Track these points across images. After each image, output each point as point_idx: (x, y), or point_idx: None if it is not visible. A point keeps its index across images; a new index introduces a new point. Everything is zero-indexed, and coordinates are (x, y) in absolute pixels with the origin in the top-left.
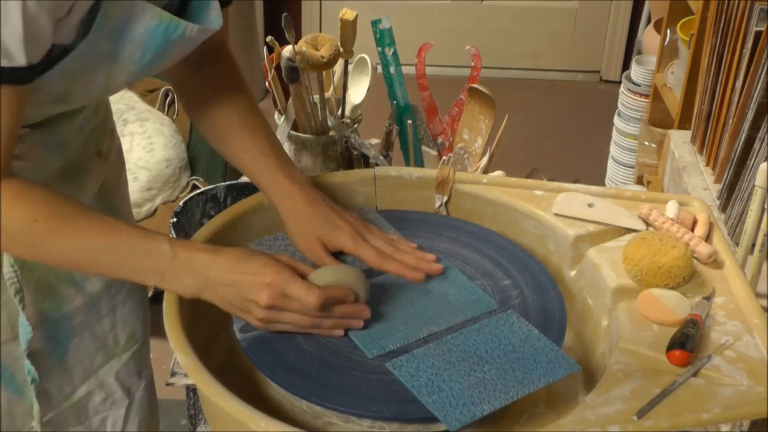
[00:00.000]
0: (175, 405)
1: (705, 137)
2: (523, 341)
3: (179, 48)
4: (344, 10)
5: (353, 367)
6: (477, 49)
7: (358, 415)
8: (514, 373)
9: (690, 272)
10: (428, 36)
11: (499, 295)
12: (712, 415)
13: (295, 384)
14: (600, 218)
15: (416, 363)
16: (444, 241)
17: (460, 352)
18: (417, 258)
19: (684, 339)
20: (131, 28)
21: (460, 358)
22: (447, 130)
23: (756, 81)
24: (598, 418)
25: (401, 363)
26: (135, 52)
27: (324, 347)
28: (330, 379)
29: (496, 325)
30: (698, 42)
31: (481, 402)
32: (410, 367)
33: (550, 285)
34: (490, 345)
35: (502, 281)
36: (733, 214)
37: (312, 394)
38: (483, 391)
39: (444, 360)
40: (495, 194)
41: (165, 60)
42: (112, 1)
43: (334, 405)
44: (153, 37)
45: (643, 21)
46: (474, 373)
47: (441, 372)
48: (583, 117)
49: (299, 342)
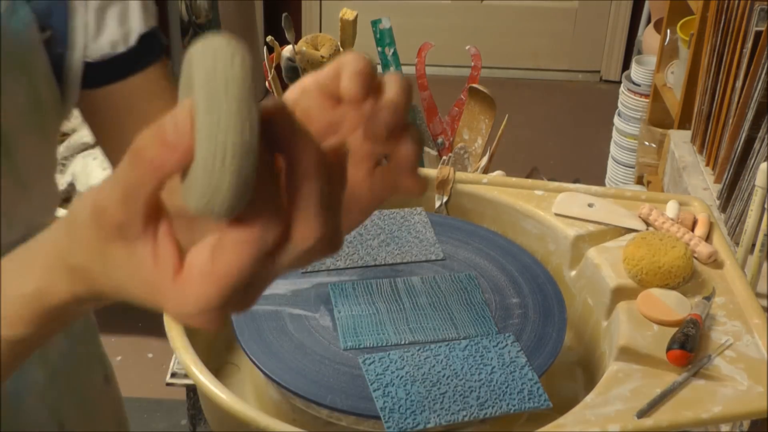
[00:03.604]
0: (175, 405)
1: (705, 137)
2: (506, 365)
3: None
4: (344, 10)
5: (326, 356)
6: (477, 49)
7: (316, 403)
8: (478, 394)
9: (690, 272)
10: (428, 36)
11: (498, 296)
12: (712, 414)
13: (264, 362)
14: (600, 218)
15: (387, 363)
16: (443, 242)
17: (436, 363)
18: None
19: (684, 339)
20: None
21: (434, 369)
22: (447, 130)
23: (756, 81)
24: (598, 418)
25: (372, 360)
26: None
27: (307, 331)
28: (299, 363)
29: (486, 345)
30: (698, 42)
31: (430, 414)
32: (380, 365)
33: (550, 285)
34: (470, 363)
35: (502, 281)
36: (733, 214)
37: (276, 374)
38: (439, 404)
39: (416, 366)
40: (495, 194)
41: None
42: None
43: (293, 388)
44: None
45: (643, 21)
46: (439, 385)
47: (407, 377)
48: (583, 117)
49: (284, 322)
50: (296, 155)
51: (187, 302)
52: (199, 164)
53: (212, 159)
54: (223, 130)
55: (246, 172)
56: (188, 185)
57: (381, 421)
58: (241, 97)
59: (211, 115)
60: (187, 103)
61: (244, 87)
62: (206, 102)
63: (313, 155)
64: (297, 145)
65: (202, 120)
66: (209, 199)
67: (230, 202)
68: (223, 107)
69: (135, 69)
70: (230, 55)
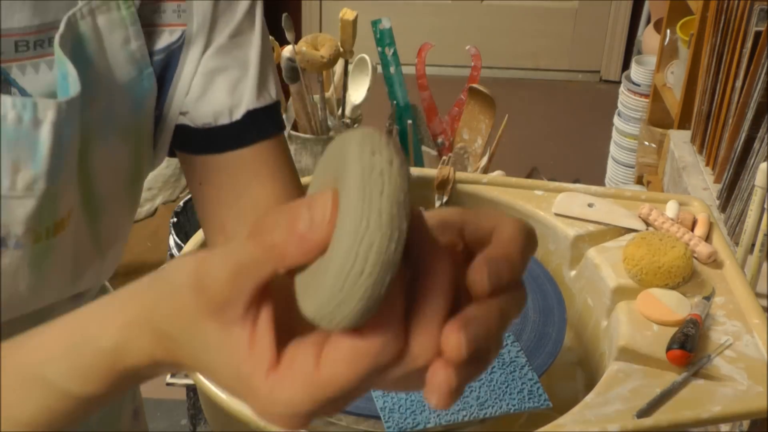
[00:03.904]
0: (175, 405)
1: (705, 137)
2: (505, 365)
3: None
4: (344, 10)
5: None
6: (477, 49)
7: None
8: (478, 393)
9: (690, 272)
10: (428, 36)
11: None
12: (711, 414)
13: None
14: (600, 218)
15: None
16: None
17: None
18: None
19: (684, 339)
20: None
21: None
22: (447, 130)
23: (756, 81)
24: (598, 418)
25: None
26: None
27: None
28: None
29: None
30: (698, 42)
31: (430, 414)
32: None
33: (550, 285)
34: None
35: None
36: (732, 214)
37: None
38: None
39: None
40: (495, 194)
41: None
42: None
43: None
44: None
45: (643, 21)
46: None
47: None
48: (583, 117)
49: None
50: (428, 268)
51: (278, 403)
52: (331, 268)
53: (349, 266)
54: (369, 236)
55: (382, 288)
56: (308, 285)
57: (381, 421)
58: (398, 204)
59: (360, 216)
60: (330, 194)
61: (401, 194)
62: (357, 200)
63: (446, 270)
64: (431, 257)
65: (348, 219)
66: (332, 310)
67: (355, 317)
68: (374, 210)
69: (237, 144)
70: (390, 156)
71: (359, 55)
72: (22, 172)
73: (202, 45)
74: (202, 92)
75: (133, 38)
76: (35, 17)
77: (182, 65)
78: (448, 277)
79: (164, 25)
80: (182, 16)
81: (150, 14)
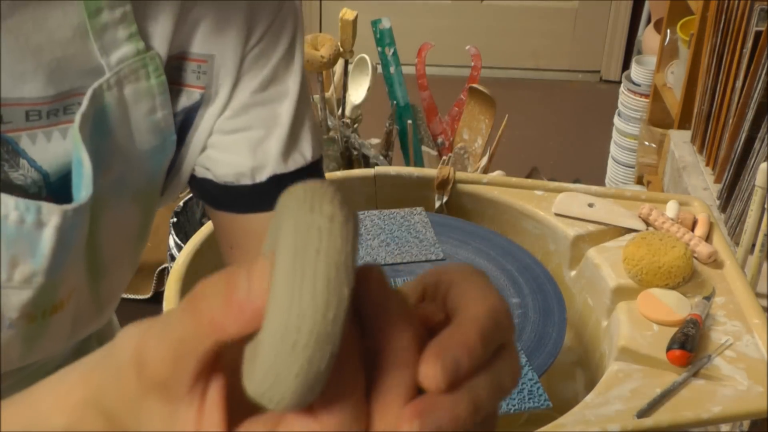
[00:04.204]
0: None
1: (705, 137)
2: None
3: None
4: (344, 10)
5: None
6: (477, 49)
7: None
8: None
9: (690, 272)
10: (428, 36)
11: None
12: (712, 414)
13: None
14: (600, 218)
15: None
16: (443, 242)
17: None
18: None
19: (684, 339)
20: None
21: None
22: (447, 130)
23: (756, 81)
24: (598, 418)
25: None
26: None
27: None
28: None
29: None
30: (698, 42)
31: None
32: None
33: (550, 285)
34: None
35: (502, 281)
36: (733, 214)
37: None
38: None
39: None
40: (495, 194)
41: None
42: None
43: None
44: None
45: (643, 21)
46: None
47: None
48: (583, 117)
49: None
50: (388, 335)
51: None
52: (266, 341)
53: (280, 339)
54: (300, 304)
55: (321, 363)
56: (250, 361)
57: None
58: (337, 266)
59: (291, 281)
60: (267, 256)
61: (342, 255)
62: (289, 263)
63: (409, 338)
64: (391, 323)
65: (280, 284)
66: (269, 387)
67: (294, 397)
68: (308, 275)
69: (263, 207)
70: (332, 212)
71: (359, 55)
72: (21, 267)
73: (222, 105)
74: (220, 151)
75: (159, 108)
76: (50, 87)
77: (198, 123)
78: (410, 345)
79: (184, 84)
80: (201, 78)
81: (172, 71)
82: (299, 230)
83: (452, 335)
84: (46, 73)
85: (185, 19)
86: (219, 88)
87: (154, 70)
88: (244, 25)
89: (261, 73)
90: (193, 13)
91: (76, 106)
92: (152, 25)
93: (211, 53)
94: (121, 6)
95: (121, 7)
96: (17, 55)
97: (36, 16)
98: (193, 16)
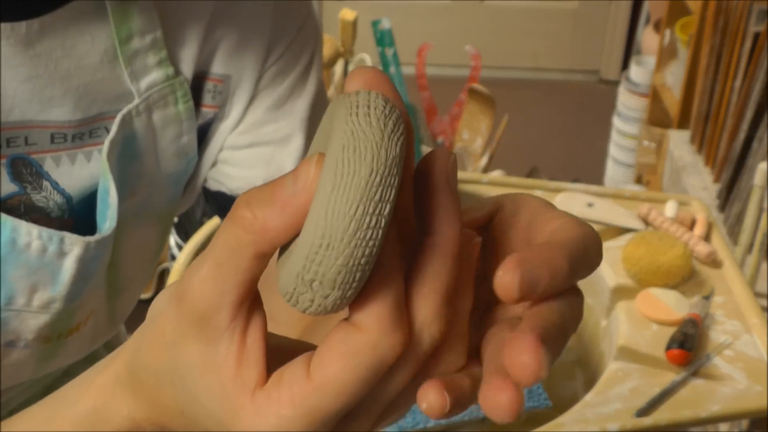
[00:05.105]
0: None
1: (704, 137)
2: None
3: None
4: (344, 11)
5: None
6: (477, 49)
7: None
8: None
9: (689, 272)
10: (428, 36)
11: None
12: (711, 413)
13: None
14: (600, 218)
15: None
16: None
17: None
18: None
19: (683, 338)
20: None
21: None
22: (447, 130)
23: (755, 81)
24: (598, 417)
25: None
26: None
27: None
28: None
29: None
30: (697, 42)
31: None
32: None
33: None
34: None
35: None
36: (731, 213)
37: None
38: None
39: None
40: (495, 194)
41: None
42: None
43: None
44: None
45: (643, 21)
46: None
47: None
48: (582, 117)
49: None
50: (438, 227)
51: (266, 425)
52: (304, 237)
53: (320, 236)
54: (344, 202)
55: (359, 261)
56: (284, 263)
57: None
58: (386, 168)
59: (336, 179)
60: (315, 157)
61: (389, 159)
62: (338, 161)
63: (457, 233)
64: (444, 214)
65: (326, 181)
66: (299, 287)
67: (330, 296)
68: (354, 175)
69: None
70: (381, 117)
71: (359, 55)
72: (40, 293)
73: (235, 122)
74: (233, 165)
75: (185, 132)
76: (77, 111)
77: (209, 139)
78: (456, 240)
79: (200, 105)
80: (217, 98)
81: (192, 92)
82: (347, 133)
83: (538, 251)
84: (74, 98)
85: (209, 40)
86: (233, 106)
87: (182, 95)
88: (265, 45)
89: (277, 90)
90: (216, 33)
91: (102, 130)
92: (181, 49)
93: (229, 74)
94: (151, 32)
95: (151, 33)
96: (46, 81)
97: (65, 42)
98: (216, 36)
